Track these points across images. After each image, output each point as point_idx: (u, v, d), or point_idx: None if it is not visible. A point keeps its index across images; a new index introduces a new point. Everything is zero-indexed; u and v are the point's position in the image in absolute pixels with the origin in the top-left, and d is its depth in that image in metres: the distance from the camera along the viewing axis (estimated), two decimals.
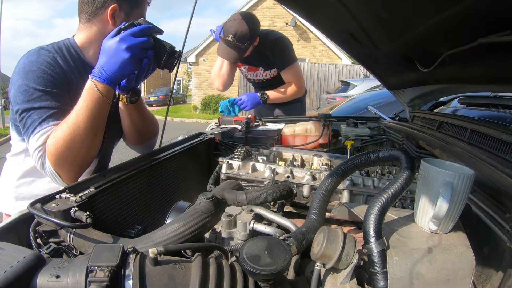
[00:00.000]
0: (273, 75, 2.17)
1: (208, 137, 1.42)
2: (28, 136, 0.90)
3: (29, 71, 0.91)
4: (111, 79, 0.87)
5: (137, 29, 0.86)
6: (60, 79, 0.94)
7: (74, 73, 1.00)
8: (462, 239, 0.56)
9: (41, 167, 0.90)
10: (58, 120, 0.91)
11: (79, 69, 1.02)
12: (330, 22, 1.19)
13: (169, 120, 7.91)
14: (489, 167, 0.73)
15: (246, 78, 2.30)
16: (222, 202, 0.78)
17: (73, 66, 1.00)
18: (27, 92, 0.89)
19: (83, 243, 0.64)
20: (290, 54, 2.08)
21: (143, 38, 0.87)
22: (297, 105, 2.29)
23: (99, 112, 0.88)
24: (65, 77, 0.96)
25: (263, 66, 2.14)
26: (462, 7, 0.66)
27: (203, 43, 13.66)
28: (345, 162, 0.71)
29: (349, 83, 7.86)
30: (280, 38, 2.07)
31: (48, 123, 0.89)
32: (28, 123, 0.90)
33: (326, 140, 1.54)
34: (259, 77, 2.21)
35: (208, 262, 0.53)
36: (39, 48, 0.97)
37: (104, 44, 0.87)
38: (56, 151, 0.85)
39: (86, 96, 0.86)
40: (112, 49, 0.85)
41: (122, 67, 0.86)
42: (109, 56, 0.85)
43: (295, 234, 0.61)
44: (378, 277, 0.50)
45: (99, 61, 0.87)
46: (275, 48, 2.02)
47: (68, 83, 0.97)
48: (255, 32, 1.91)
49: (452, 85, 1.26)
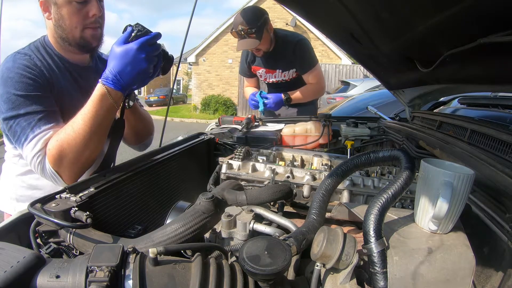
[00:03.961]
0: (292, 77, 2.15)
1: (208, 137, 1.42)
2: (21, 144, 0.89)
3: (7, 78, 0.89)
4: (126, 87, 0.86)
5: (151, 36, 0.85)
6: (41, 81, 0.92)
7: (54, 70, 0.98)
8: (462, 239, 0.56)
9: (41, 171, 0.89)
10: (49, 123, 0.89)
11: (58, 65, 1.00)
12: (330, 22, 1.19)
13: (169, 120, 7.91)
14: (489, 167, 0.73)
15: (265, 81, 2.28)
16: (222, 202, 0.78)
17: (51, 64, 0.98)
18: (9, 100, 0.88)
19: (83, 243, 0.64)
20: (312, 57, 2.08)
21: (156, 46, 0.87)
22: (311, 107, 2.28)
23: (107, 118, 0.88)
24: (45, 77, 0.94)
25: (281, 67, 2.13)
26: (462, 7, 0.66)
27: (203, 43, 13.65)
28: (345, 162, 0.71)
29: (349, 83, 7.87)
30: (302, 40, 2.06)
31: (40, 128, 0.88)
32: (18, 131, 0.88)
33: (326, 140, 1.54)
34: (277, 78, 2.19)
35: (208, 262, 0.53)
36: (15, 53, 0.95)
37: (116, 49, 0.84)
38: (60, 153, 0.85)
39: (97, 102, 0.84)
40: (129, 56, 0.82)
41: (140, 76, 0.85)
42: (126, 63, 0.83)
43: (295, 234, 0.61)
44: (378, 277, 0.50)
45: (112, 66, 0.83)
46: (297, 50, 2.01)
47: (49, 82, 0.95)
48: (263, 12, 1.92)
49: (452, 85, 1.26)
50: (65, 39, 0.98)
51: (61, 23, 0.95)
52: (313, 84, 2.10)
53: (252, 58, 2.21)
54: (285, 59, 2.07)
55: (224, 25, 12.84)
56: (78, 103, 0.98)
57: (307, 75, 2.08)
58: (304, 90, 2.09)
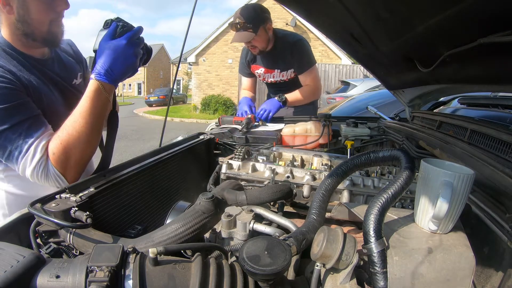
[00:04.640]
0: (290, 77, 2.15)
1: (208, 137, 1.42)
2: (14, 158, 0.85)
3: None
4: (118, 80, 0.90)
5: (136, 31, 0.90)
6: (16, 86, 0.87)
7: (21, 70, 0.93)
8: (462, 239, 0.56)
9: (45, 178, 0.87)
10: (39, 128, 0.87)
11: (23, 63, 0.95)
12: (330, 22, 1.19)
13: (169, 120, 7.91)
14: (489, 167, 0.73)
15: (263, 81, 2.28)
16: (222, 202, 0.78)
17: (17, 64, 0.93)
18: None
19: (83, 243, 0.64)
20: (310, 57, 2.08)
21: (141, 40, 0.91)
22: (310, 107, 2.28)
23: (104, 111, 0.91)
24: (18, 80, 0.89)
25: (280, 67, 2.13)
26: (462, 7, 0.66)
27: (203, 43, 13.66)
28: (345, 162, 0.71)
29: (349, 83, 7.86)
30: (300, 40, 2.06)
31: (32, 137, 0.85)
32: (7, 146, 0.85)
33: (326, 140, 1.54)
34: (276, 78, 2.19)
35: (208, 262, 0.53)
36: None
37: (105, 45, 0.86)
38: (66, 154, 0.86)
39: (93, 97, 0.86)
40: (119, 51, 0.86)
41: (130, 69, 0.90)
42: (116, 58, 0.86)
43: (295, 234, 0.61)
44: (378, 277, 0.50)
45: (103, 62, 0.86)
46: (294, 50, 2.02)
47: (23, 85, 0.90)
48: (264, 11, 1.93)
49: (452, 85, 1.26)
50: (30, 35, 0.93)
51: (27, 18, 0.90)
52: (310, 85, 2.10)
53: (251, 57, 2.21)
54: (284, 59, 2.08)
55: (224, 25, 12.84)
56: (53, 97, 0.99)
57: (303, 76, 2.08)
58: (301, 92, 2.09)
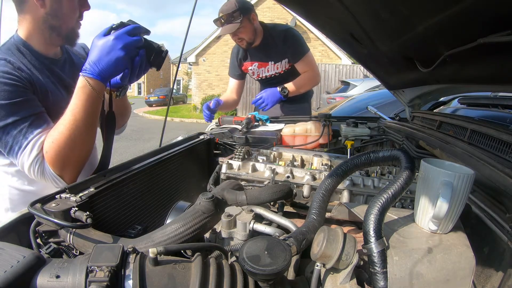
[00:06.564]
0: (285, 68, 2.13)
1: (208, 137, 1.42)
2: (14, 154, 0.87)
3: None
4: (102, 74, 0.87)
5: (131, 28, 0.88)
6: (22, 84, 0.89)
7: (31, 69, 0.96)
8: (462, 239, 0.56)
9: (41, 176, 0.88)
10: (40, 126, 0.88)
11: (34, 63, 0.97)
12: (330, 22, 1.19)
13: (169, 120, 7.89)
14: (489, 167, 0.73)
15: (258, 78, 2.26)
16: (222, 202, 0.78)
17: (28, 63, 0.96)
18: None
19: (83, 243, 0.64)
20: (303, 44, 2.08)
21: (137, 37, 0.89)
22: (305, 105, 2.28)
23: (93, 108, 0.88)
24: (25, 78, 0.91)
25: (273, 59, 2.11)
26: (462, 7, 0.66)
27: (203, 43, 13.65)
28: (345, 162, 0.71)
29: (349, 83, 7.86)
30: (290, 29, 2.08)
31: (32, 133, 0.87)
32: (9, 141, 0.86)
33: (326, 140, 1.54)
34: (270, 72, 2.17)
35: (208, 262, 0.53)
36: None
37: (96, 41, 0.86)
38: (58, 154, 0.85)
39: (80, 94, 0.86)
40: (107, 47, 0.85)
41: (116, 65, 0.86)
42: (103, 53, 0.85)
43: (295, 234, 0.61)
44: (378, 277, 0.50)
45: (90, 57, 0.86)
46: (286, 38, 2.02)
47: (30, 83, 0.92)
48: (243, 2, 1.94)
49: (452, 85, 1.26)
50: (56, 29, 0.97)
51: (58, 12, 0.95)
52: (308, 72, 2.09)
53: (243, 54, 2.19)
54: (277, 49, 2.07)
55: None
56: (60, 97, 0.99)
57: (300, 64, 2.07)
58: (300, 79, 2.07)
